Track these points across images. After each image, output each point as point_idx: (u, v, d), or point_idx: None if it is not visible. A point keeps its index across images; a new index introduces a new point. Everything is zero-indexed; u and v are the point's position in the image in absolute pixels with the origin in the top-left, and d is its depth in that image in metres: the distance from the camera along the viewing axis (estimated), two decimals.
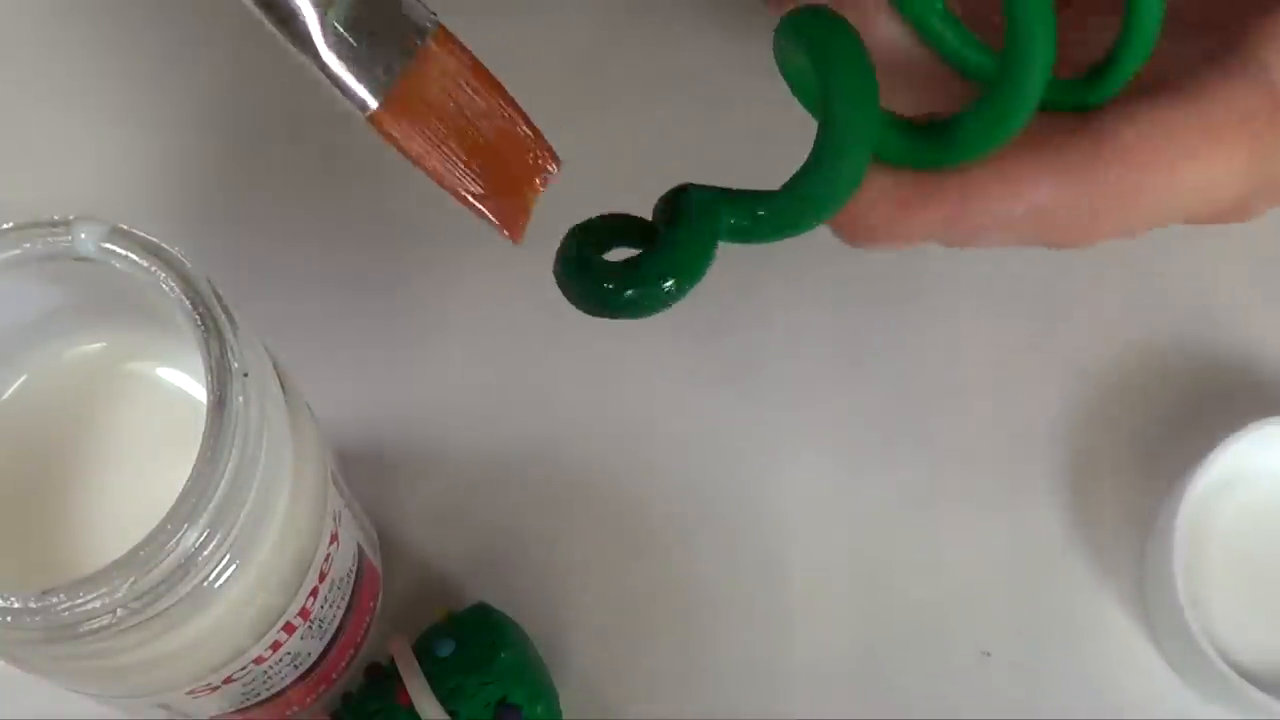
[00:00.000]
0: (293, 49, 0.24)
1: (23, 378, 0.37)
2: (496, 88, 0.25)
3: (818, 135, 0.27)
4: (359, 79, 0.24)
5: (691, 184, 0.29)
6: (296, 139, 0.50)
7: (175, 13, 0.50)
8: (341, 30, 0.23)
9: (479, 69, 0.25)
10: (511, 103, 0.26)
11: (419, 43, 0.24)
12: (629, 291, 0.27)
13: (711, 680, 0.46)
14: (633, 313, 0.27)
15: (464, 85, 0.25)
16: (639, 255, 0.27)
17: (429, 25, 0.24)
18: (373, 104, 0.24)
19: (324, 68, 0.23)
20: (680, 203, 0.28)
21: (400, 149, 0.25)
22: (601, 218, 0.28)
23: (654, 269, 0.27)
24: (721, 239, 0.28)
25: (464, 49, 0.25)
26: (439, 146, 0.25)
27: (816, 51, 0.27)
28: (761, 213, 0.28)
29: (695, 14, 0.50)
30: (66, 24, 0.51)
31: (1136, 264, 0.49)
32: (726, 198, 0.28)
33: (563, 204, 0.49)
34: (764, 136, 0.39)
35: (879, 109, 0.28)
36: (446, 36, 0.24)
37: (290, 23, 0.23)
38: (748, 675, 0.46)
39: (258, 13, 0.24)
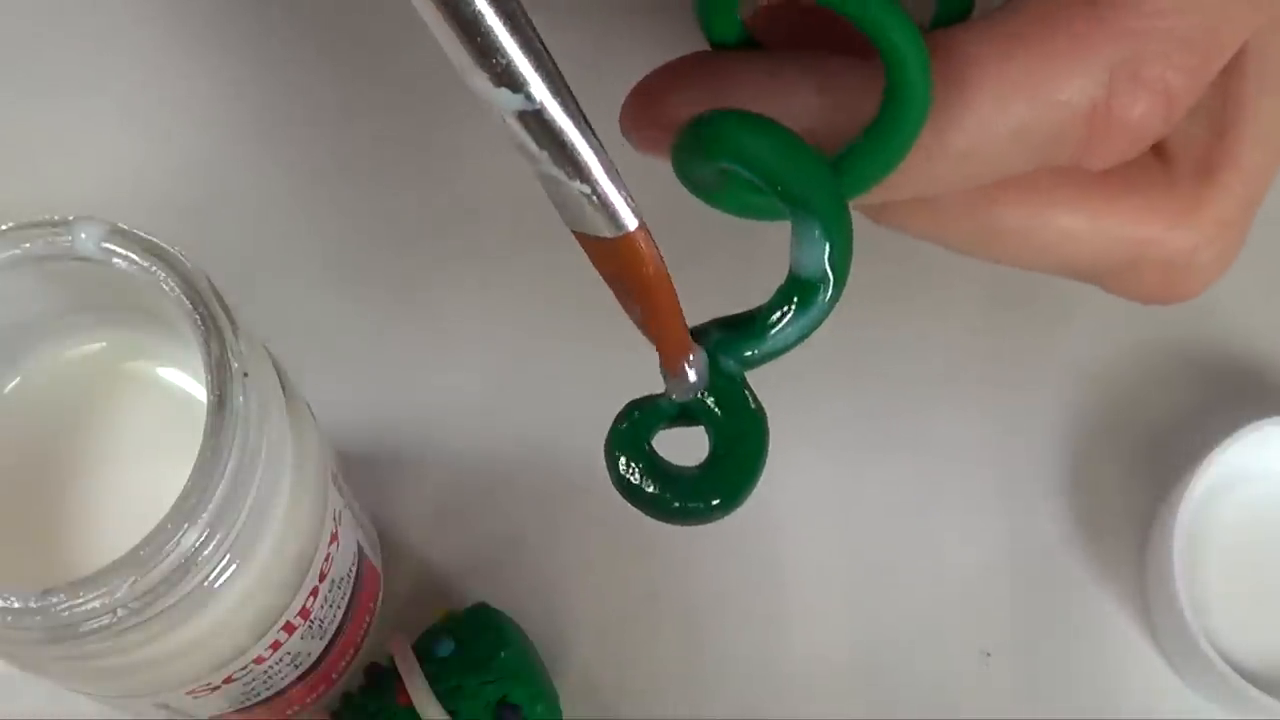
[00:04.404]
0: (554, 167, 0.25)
1: (22, 377, 0.37)
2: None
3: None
4: (625, 202, 0.26)
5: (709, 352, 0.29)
6: (297, 139, 0.50)
7: (176, 12, 0.50)
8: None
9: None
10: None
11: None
12: (680, 507, 0.28)
13: (711, 680, 0.46)
14: (689, 523, 0.28)
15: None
16: (693, 477, 0.28)
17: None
18: (633, 223, 0.26)
19: (596, 189, 0.25)
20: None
21: (642, 266, 0.27)
22: (640, 414, 0.29)
23: (703, 493, 0.28)
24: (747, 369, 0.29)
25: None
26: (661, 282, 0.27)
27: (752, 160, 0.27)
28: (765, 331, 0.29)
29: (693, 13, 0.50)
30: (66, 23, 0.51)
31: None
32: (732, 351, 0.29)
33: None
34: None
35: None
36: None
37: (572, 160, 0.25)
38: (748, 675, 0.46)
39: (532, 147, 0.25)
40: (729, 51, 0.30)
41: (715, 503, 0.28)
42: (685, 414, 0.29)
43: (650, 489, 0.28)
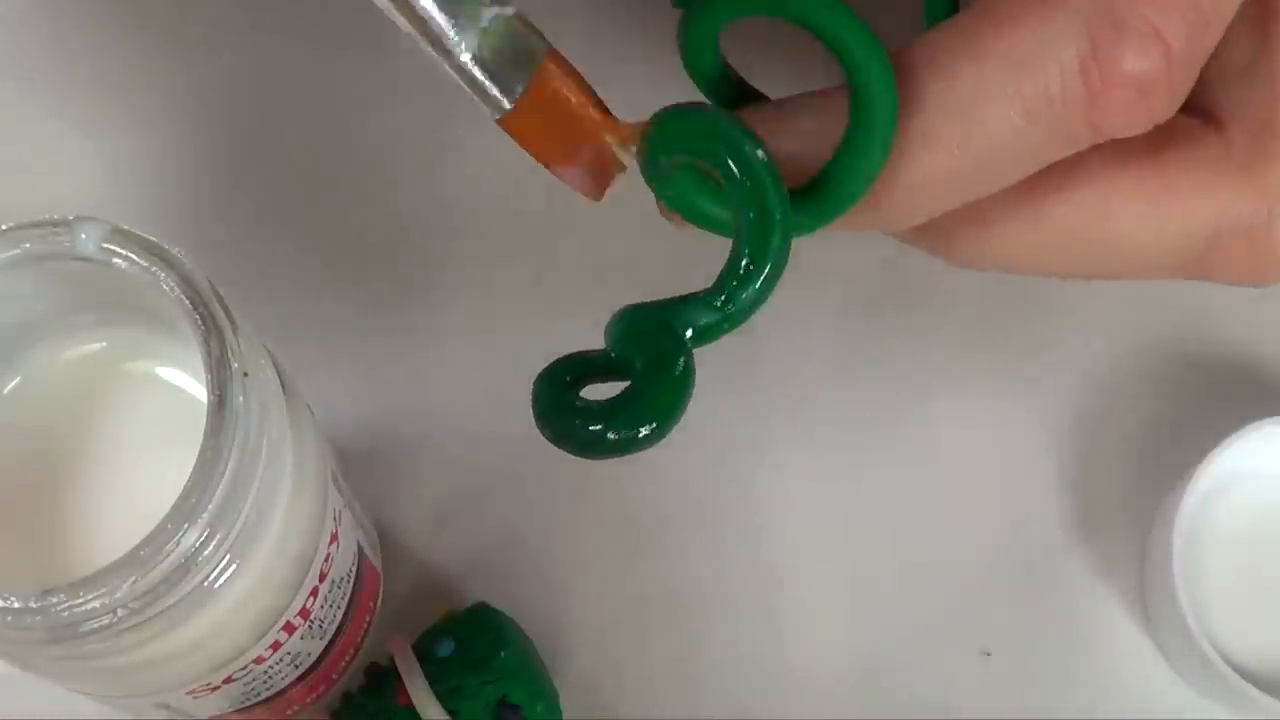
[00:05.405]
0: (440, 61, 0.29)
1: (22, 377, 0.37)
2: (588, 92, 0.30)
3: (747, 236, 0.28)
4: (498, 87, 0.29)
5: (639, 305, 0.29)
6: (297, 140, 0.50)
7: (177, 12, 0.50)
8: (485, 54, 0.29)
9: (577, 78, 0.30)
10: (599, 105, 0.30)
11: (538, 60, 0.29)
12: (610, 437, 0.28)
13: (711, 681, 0.46)
14: (616, 455, 0.28)
15: (566, 92, 0.30)
16: (615, 404, 0.28)
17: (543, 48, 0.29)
18: (508, 105, 0.29)
19: (471, 79, 0.29)
20: (638, 335, 0.29)
21: (524, 144, 0.30)
22: (564, 360, 0.29)
23: (630, 418, 0.28)
24: (693, 346, 0.28)
25: (567, 64, 0.30)
26: (549, 142, 0.30)
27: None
28: (720, 303, 0.28)
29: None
30: (66, 24, 0.51)
31: None
32: (681, 309, 0.28)
33: (566, 204, 0.49)
34: None
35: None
36: (554, 55, 0.29)
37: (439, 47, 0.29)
38: (747, 675, 0.46)
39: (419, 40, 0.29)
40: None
41: (645, 433, 0.27)
42: (613, 368, 0.28)
43: (587, 426, 0.28)
